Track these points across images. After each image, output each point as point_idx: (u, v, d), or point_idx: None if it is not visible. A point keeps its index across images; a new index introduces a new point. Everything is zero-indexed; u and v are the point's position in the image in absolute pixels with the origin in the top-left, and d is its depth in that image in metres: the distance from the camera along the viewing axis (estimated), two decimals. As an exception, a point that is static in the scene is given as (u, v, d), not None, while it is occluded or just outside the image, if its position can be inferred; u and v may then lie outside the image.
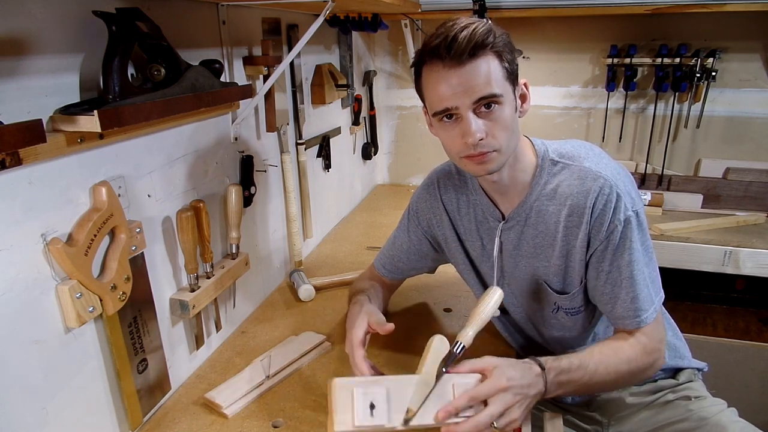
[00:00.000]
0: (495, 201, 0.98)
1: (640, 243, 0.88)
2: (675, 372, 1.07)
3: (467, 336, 0.83)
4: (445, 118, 0.84)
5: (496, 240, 0.98)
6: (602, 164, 0.89)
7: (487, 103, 0.81)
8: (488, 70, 0.80)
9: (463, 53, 0.78)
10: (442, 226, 1.07)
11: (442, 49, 0.79)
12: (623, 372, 0.87)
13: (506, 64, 0.82)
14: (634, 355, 0.88)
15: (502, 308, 1.07)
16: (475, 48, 0.78)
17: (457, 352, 0.82)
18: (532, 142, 0.95)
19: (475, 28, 0.78)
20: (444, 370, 0.80)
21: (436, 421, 0.75)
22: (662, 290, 0.93)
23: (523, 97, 0.89)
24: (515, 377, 0.78)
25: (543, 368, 0.82)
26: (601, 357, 0.86)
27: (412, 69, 0.88)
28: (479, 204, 1.00)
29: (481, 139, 0.81)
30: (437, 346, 0.84)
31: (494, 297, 0.87)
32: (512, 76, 0.84)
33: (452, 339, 0.83)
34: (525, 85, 0.89)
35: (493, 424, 0.75)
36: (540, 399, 0.81)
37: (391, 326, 0.93)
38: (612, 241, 0.87)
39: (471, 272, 1.09)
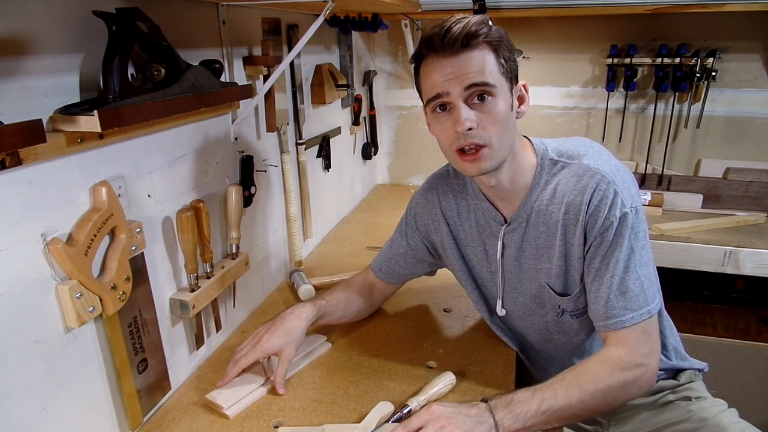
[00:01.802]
0: (496, 204, 0.97)
1: (637, 241, 0.85)
2: (676, 373, 1.06)
3: (415, 403, 0.90)
4: (438, 109, 0.84)
5: (499, 243, 0.97)
6: (601, 161, 0.88)
7: (479, 93, 0.81)
8: (482, 60, 0.80)
9: (456, 42, 0.79)
10: (440, 232, 1.07)
11: (437, 41, 0.80)
12: (591, 391, 0.82)
13: (502, 60, 0.82)
14: (603, 374, 0.83)
15: (504, 315, 1.07)
16: (468, 38, 0.79)
17: (404, 412, 0.89)
18: (531, 142, 0.94)
19: (468, 20, 0.80)
20: (389, 422, 0.86)
21: None
22: (659, 297, 0.90)
23: (521, 99, 0.89)
24: (449, 405, 0.81)
25: (486, 401, 0.82)
26: (562, 383, 0.83)
27: (412, 65, 0.89)
28: (480, 209, 1.00)
29: (470, 129, 0.81)
30: (381, 408, 0.90)
31: (444, 380, 0.96)
32: (509, 74, 0.84)
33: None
34: (524, 86, 0.89)
35: None
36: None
37: (279, 389, 0.97)
38: (606, 237, 0.85)
39: (469, 279, 1.08)
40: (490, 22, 0.82)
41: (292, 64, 1.42)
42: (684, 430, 0.98)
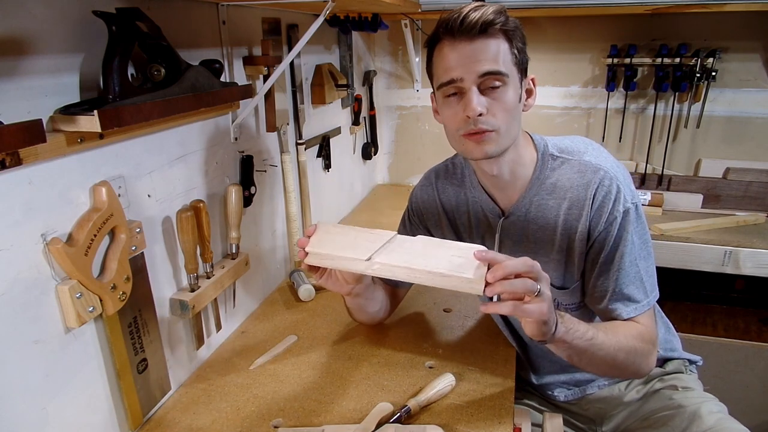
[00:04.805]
0: (494, 197, 0.98)
1: (637, 236, 0.88)
2: (663, 362, 1.09)
3: (414, 403, 0.90)
4: (449, 95, 0.85)
5: (496, 236, 0.98)
6: (602, 158, 0.90)
7: (492, 81, 0.82)
8: (497, 49, 0.82)
9: (473, 28, 0.80)
10: (441, 225, 1.07)
11: (454, 25, 0.81)
12: (629, 347, 0.85)
13: (515, 51, 0.84)
14: (638, 336, 0.87)
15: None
16: (486, 25, 0.80)
17: (403, 412, 0.89)
18: (531, 138, 0.95)
19: (487, 8, 0.81)
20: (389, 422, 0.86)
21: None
22: (657, 289, 0.93)
23: (529, 92, 0.91)
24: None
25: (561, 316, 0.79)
26: (605, 328, 0.86)
27: (426, 48, 0.89)
28: (478, 201, 1.00)
29: (481, 115, 0.82)
30: (381, 408, 0.90)
31: (444, 381, 0.95)
32: (521, 66, 0.85)
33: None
34: (533, 80, 0.91)
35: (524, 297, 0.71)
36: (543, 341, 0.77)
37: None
38: (610, 232, 0.87)
39: None
40: (505, 10, 0.83)
41: (292, 64, 1.42)
42: (662, 417, 0.99)
